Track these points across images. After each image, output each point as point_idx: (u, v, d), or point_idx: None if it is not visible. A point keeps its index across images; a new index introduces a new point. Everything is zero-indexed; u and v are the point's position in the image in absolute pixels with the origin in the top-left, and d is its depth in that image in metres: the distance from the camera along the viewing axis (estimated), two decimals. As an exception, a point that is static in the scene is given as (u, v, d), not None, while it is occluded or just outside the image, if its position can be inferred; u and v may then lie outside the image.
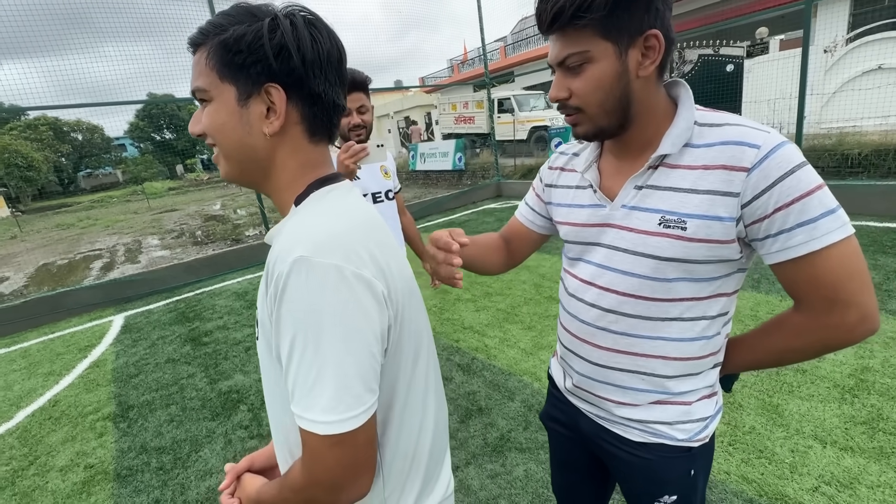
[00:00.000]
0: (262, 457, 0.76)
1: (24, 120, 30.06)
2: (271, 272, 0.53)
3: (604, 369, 0.84)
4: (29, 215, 20.99)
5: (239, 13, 0.56)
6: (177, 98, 6.19)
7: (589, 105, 0.71)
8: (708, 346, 0.78)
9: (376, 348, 0.54)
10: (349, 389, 0.50)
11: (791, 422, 2.01)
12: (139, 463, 2.35)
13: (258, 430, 2.48)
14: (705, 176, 0.68)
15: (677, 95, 0.75)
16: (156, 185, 24.15)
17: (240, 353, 3.49)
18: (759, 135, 0.65)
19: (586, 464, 1.01)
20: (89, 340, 4.21)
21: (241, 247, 6.45)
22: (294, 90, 0.57)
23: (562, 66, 0.71)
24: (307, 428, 0.51)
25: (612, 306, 0.79)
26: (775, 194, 0.63)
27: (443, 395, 0.76)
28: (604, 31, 0.66)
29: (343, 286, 0.50)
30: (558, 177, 0.93)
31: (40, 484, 2.30)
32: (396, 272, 0.59)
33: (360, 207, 0.62)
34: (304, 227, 0.55)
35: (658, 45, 0.68)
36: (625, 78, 0.69)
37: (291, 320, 0.50)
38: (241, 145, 0.59)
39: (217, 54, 0.55)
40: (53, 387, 3.36)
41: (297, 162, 0.61)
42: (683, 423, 0.81)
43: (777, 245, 0.65)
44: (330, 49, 0.58)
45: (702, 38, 11.32)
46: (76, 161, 33.83)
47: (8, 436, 2.78)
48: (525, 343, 3.06)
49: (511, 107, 13.37)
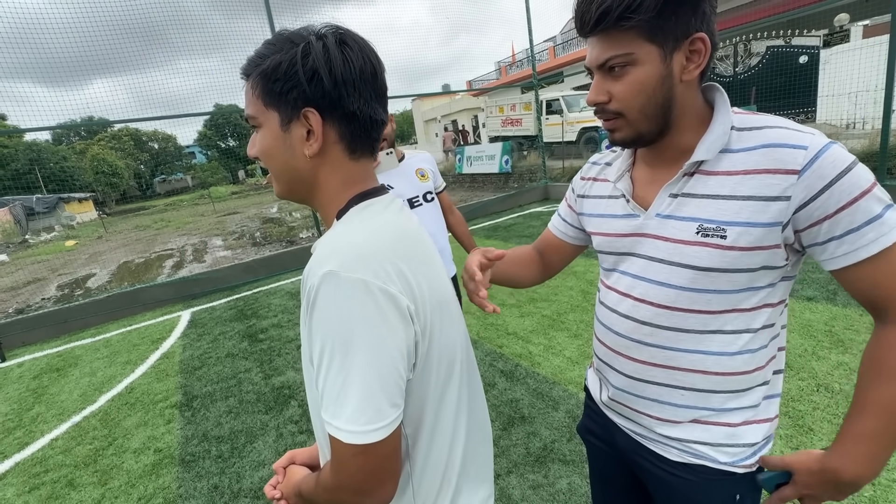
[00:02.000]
0: (303, 454, 0.80)
1: (110, 131, 33.40)
2: (304, 283, 0.56)
3: (640, 383, 0.80)
4: (112, 217, 23.25)
5: (279, 41, 0.59)
6: (240, 109, 6.63)
7: (630, 110, 0.69)
8: (753, 360, 0.73)
9: (401, 363, 0.55)
10: (372, 402, 0.52)
11: None
12: (201, 450, 2.52)
13: (307, 425, 2.59)
14: (746, 181, 0.65)
15: (713, 99, 0.72)
16: (220, 190, 25.93)
17: (292, 350, 3.66)
18: (803, 136, 0.63)
19: (626, 480, 0.97)
20: (161, 333, 4.59)
21: (295, 248, 6.77)
22: (330, 111, 0.59)
23: (602, 68, 0.69)
24: (333, 434, 0.53)
25: (647, 318, 0.77)
26: (835, 194, 0.60)
27: (483, 407, 0.75)
28: (649, 34, 0.64)
29: (369, 301, 0.52)
30: (591, 187, 0.91)
31: (117, 463, 2.53)
32: (426, 287, 0.60)
33: (395, 222, 0.64)
34: (337, 243, 0.57)
35: (704, 49, 0.66)
36: (668, 82, 0.67)
37: (321, 331, 0.53)
38: (287, 167, 0.63)
39: (260, 83, 0.59)
40: (130, 375, 3.69)
41: (338, 179, 0.63)
42: (728, 446, 0.76)
43: (844, 247, 0.62)
44: (363, 66, 0.59)
45: (771, 29, 10.52)
46: (153, 168, 37.10)
47: (92, 417, 3.09)
48: (571, 351, 2.98)
49: (560, 108, 13.08)
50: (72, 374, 3.88)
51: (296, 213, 12.81)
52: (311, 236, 8.11)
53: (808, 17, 10.50)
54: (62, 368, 4.05)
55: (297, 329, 4.09)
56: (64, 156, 27.81)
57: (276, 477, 0.77)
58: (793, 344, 2.62)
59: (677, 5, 0.62)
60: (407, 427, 0.60)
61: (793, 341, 2.64)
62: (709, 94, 0.73)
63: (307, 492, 0.66)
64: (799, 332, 2.74)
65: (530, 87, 10.23)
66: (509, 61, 24.00)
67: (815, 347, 2.58)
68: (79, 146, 32.03)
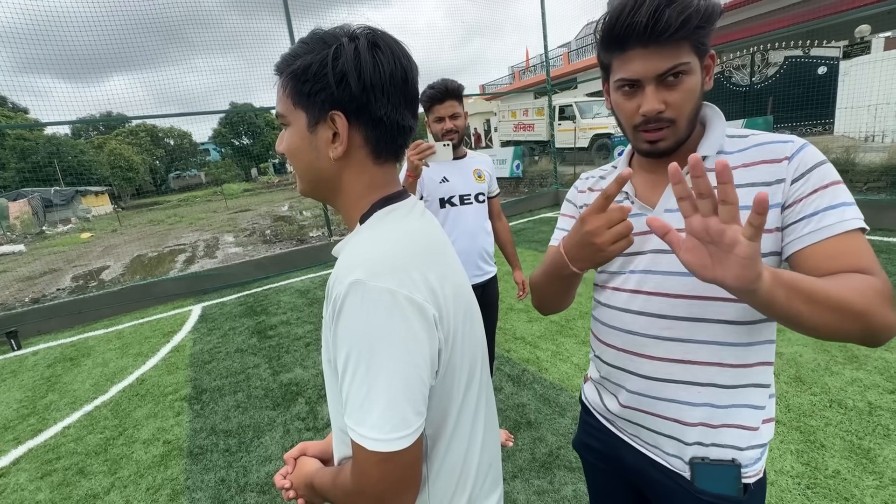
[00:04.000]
0: (315, 447, 0.80)
1: (128, 127, 33.98)
2: (330, 291, 0.56)
3: (658, 383, 0.80)
4: (127, 211, 23.64)
5: (312, 41, 0.59)
6: (255, 108, 6.73)
7: (681, 117, 0.72)
8: (758, 352, 0.75)
9: (425, 371, 0.55)
10: (396, 411, 0.52)
11: (886, 470, 1.78)
12: (209, 443, 2.55)
13: (314, 422, 2.61)
14: (746, 172, 0.72)
15: (704, 113, 0.79)
16: (233, 187, 26.21)
17: (300, 347, 3.69)
18: (787, 136, 0.73)
19: (626, 495, 0.96)
20: (172, 327, 4.66)
21: (305, 247, 6.83)
22: (356, 115, 0.59)
23: (660, 78, 0.70)
24: (356, 441, 0.53)
25: (663, 311, 0.77)
26: (813, 177, 0.68)
27: (494, 414, 0.76)
28: (697, 46, 0.69)
29: (396, 310, 0.53)
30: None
31: (127, 453, 2.57)
32: (451, 295, 0.60)
33: (420, 228, 0.64)
34: (363, 250, 0.58)
35: (713, 64, 0.74)
36: (702, 92, 0.73)
37: (347, 339, 0.53)
38: (311, 167, 0.63)
39: (290, 83, 0.60)
40: (141, 367, 3.75)
41: (362, 183, 0.64)
42: (741, 449, 0.76)
43: (811, 226, 0.67)
44: (393, 70, 0.58)
45: (790, 39, 10.39)
46: (168, 164, 37.66)
47: (103, 407, 3.14)
48: (579, 358, 2.96)
49: (573, 113, 13.05)
50: (85, 364, 3.95)
51: (306, 213, 12.91)
52: (320, 235, 8.16)
53: (828, 28, 10.36)
54: (75, 358, 4.13)
55: (305, 327, 4.12)
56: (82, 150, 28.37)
57: (286, 467, 0.77)
58: (806, 358, 2.58)
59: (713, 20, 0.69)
60: (427, 429, 0.61)
61: (806, 356, 2.61)
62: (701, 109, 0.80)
63: (321, 486, 0.66)
64: (813, 346, 2.70)
65: (543, 93, 10.23)
66: (523, 66, 24.00)
67: (828, 363, 2.54)
68: (97, 141, 32.63)
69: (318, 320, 4.26)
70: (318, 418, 2.65)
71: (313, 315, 4.42)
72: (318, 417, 2.66)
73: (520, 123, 15.30)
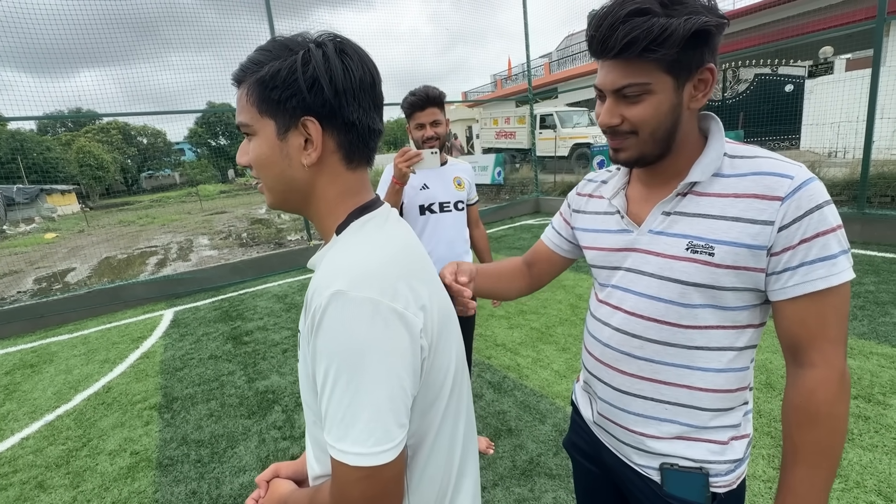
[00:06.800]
0: (288, 468, 0.77)
1: (98, 124, 32.80)
2: (310, 303, 0.54)
3: (627, 396, 0.82)
4: (96, 211, 22.74)
5: (275, 48, 0.57)
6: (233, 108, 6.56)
7: (643, 132, 0.71)
8: (736, 379, 0.76)
9: (408, 382, 0.54)
10: (380, 423, 0.51)
11: (850, 473, 1.85)
12: (179, 454, 2.46)
13: (290, 431, 2.55)
14: (735, 203, 0.69)
15: (707, 127, 0.76)
16: (209, 188, 25.56)
17: (277, 354, 3.61)
18: (791, 167, 0.68)
19: (612, 496, 0.98)
20: (141, 332, 4.48)
21: (283, 251, 6.70)
22: (329, 120, 0.58)
23: (617, 93, 0.71)
24: (337, 458, 0.51)
25: (637, 331, 0.79)
26: (803, 226, 0.65)
27: (473, 419, 0.75)
28: (668, 66, 0.66)
29: (378, 320, 0.51)
30: (586, 203, 0.94)
31: (91, 465, 2.45)
32: (435, 303, 0.60)
33: (398, 236, 0.63)
34: (343, 260, 0.56)
35: (711, 79, 0.69)
36: (677, 110, 0.70)
37: (327, 352, 0.51)
38: (283, 177, 0.61)
39: (255, 91, 0.58)
40: (108, 374, 3.59)
41: (336, 190, 0.62)
42: (710, 462, 0.78)
43: (796, 278, 0.66)
44: (362, 75, 0.58)
45: (759, 57, 10.86)
46: (140, 163, 36.45)
47: (66, 417, 2.99)
48: (559, 365, 2.99)
49: (553, 123, 13.27)
50: (46, 371, 3.76)
51: (284, 216, 12.70)
52: (299, 239, 8.03)
53: (795, 48, 10.88)
54: (36, 365, 3.93)
55: (283, 333, 4.03)
56: (49, 146, 27.22)
57: (257, 491, 0.74)
58: (776, 365, 2.67)
59: (697, 41, 0.64)
60: (408, 439, 0.59)
61: (776, 362, 2.69)
62: (704, 122, 0.77)
63: None
64: (780, 350, 2.79)
65: (525, 101, 10.37)
66: (505, 74, 24.32)
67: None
68: (65, 137, 31.36)
69: (295, 326, 4.17)
70: (295, 427, 2.58)
71: (291, 321, 4.33)
72: (295, 426, 2.59)
73: (501, 131, 15.46)
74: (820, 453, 0.68)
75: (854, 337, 2.87)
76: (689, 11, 0.63)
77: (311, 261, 0.63)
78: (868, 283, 3.68)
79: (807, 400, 0.68)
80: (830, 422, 0.67)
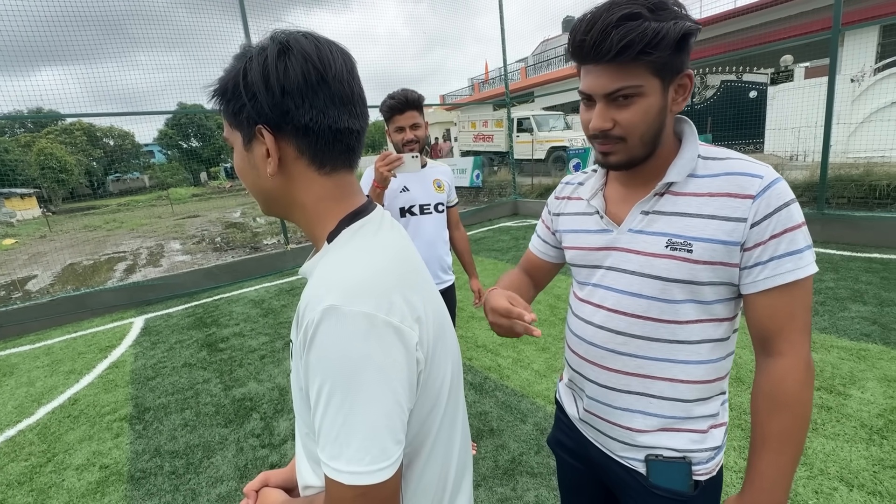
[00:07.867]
0: (278, 476, 0.75)
1: (61, 125, 31.41)
2: (302, 317, 0.53)
3: (613, 392, 0.85)
4: (59, 216, 21.72)
5: (235, 57, 0.56)
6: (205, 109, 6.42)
7: (632, 136, 0.73)
8: (715, 370, 0.80)
9: (404, 397, 0.52)
10: (376, 441, 0.49)
11: (815, 461, 1.94)
12: (153, 466, 2.38)
13: (269, 439, 2.50)
14: (710, 202, 0.73)
15: (681, 130, 0.80)
16: (180, 191, 24.78)
17: (254, 360, 3.53)
18: (760, 167, 0.72)
19: (596, 491, 1.00)
20: (110, 341, 4.31)
21: (259, 255, 6.56)
22: (279, 126, 0.55)
23: (609, 97, 0.72)
24: (331, 476, 0.50)
25: (620, 328, 0.82)
26: (773, 222, 0.69)
27: (467, 426, 0.75)
28: (657, 69, 0.69)
29: (373, 335, 0.50)
30: (565, 205, 0.96)
31: (56, 482, 2.34)
32: (430, 312, 0.59)
33: (392, 244, 0.61)
34: (336, 272, 0.54)
35: (690, 84, 0.72)
36: (663, 113, 0.73)
37: (320, 368, 0.50)
38: (256, 186, 0.61)
39: (221, 105, 0.57)
40: (74, 385, 3.44)
41: (313, 196, 0.60)
42: (693, 451, 0.81)
43: (766, 272, 0.70)
44: (305, 72, 0.53)
45: (725, 64, 11.29)
46: (106, 165, 35.07)
47: (28, 431, 2.84)
48: (539, 365, 3.03)
49: (530, 126, 13.45)
50: (6, 384, 3.57)
51: (260, 220, 12.44)
52: (276, 243, 7.88)
53: (758, 56, 11.37)
54: (-5, 378, 3.72)
55: (260, 339, 3.95)
56: (6, 148, 25.92)
57: (246, 500, 0.71)
58: (745, 359, 2.78)
59: (682, 44, 0.67)
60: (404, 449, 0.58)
61: (745, 357, 2.80)
62: (678, 125, 0.81)
63: None
64: (750, 348, 2.91)
65: (502, 105, 10.49)
66: (482, 78, 24.53)
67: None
68: (24, 139, 29.91)
69: (273, 331, 4.09)
70: (275, 434, 2.53)
71: (268, 326, 4.25)
72: (275, 433, 2.54)
73: (479, 134, 15.57)
74: (787, 440, 0.71)
75: (815, 331, 3.02)
76: (675, 16, 0.66)
77: (303, 269, 0.61)
78: (828, 280, 3.87)
79: (776, 387, 0.72)
80: (797, 407, 0.71)
